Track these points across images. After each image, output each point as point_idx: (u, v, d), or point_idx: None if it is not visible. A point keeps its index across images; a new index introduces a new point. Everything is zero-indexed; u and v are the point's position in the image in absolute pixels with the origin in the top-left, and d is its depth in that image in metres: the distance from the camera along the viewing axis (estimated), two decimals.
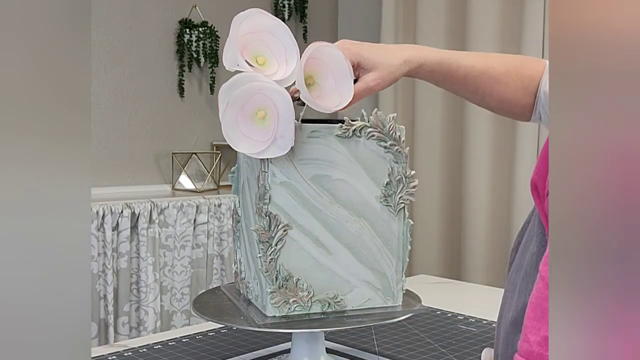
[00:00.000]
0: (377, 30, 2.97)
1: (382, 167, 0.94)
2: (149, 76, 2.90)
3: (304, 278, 0.92)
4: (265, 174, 0.90)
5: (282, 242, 0.91)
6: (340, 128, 0.91)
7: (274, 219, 0.90)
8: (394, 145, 0.94)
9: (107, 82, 2.78)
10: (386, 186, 0.94)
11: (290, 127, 0.87)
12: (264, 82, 0.86)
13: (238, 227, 1.05)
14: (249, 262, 1.00)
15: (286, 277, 0.91)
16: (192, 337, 1.23)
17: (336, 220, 0.93)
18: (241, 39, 0.88)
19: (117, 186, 2.78)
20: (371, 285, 0.96)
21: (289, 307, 0.92)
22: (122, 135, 2.83)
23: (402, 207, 0.96)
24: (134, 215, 2.39)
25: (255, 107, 0.86)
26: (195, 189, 2.85)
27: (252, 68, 0.88)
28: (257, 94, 0.86)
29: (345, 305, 0.94)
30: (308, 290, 0.92)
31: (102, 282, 2.32)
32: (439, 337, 1.25)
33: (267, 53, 0.90)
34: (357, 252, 0.95)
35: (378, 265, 0.96)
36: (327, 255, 0.93)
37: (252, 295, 0.99)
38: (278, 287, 0.91)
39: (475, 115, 2.62)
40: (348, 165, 0.93)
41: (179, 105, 3.01)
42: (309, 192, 0.92)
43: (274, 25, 0.90)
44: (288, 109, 0.86)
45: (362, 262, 0.95)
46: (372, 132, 0.93)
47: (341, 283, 0.94)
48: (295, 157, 0.90)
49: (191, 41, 2.96)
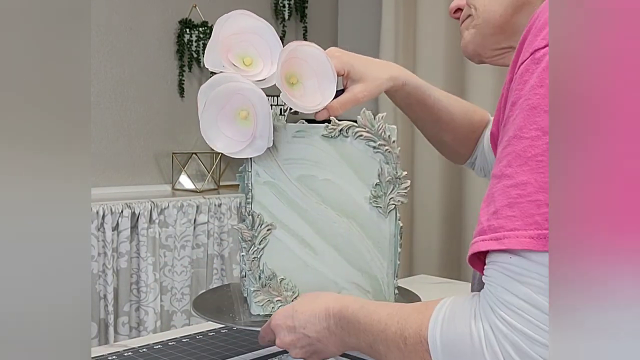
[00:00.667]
0: (377, 31, 2.96)
1: (371, 167, 0.93)
2: (149, 76, 2.90)
3: (289, 278, 0.92)
4: (249, 174, 0.90)
5: (266, 241, 0.91)
6: (327, 128, 0.91)
7: (257, 218, 0.90)
8: (383, 145, 0.92)
9: (107, 82, 2.78)
10: (375, 187, 0.93)
11: (268, 128, 0.86)
12: (241, 83, 0.86)
13: None
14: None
15: (269, 276, 0.91)
16: (192, 337, 1.22)
17: (323, 221, 0.92)
18: (225, 40, 0.88)
19: (117, 186, 2.78)
20: (360, 287, 0.94)
21: (273, 306, 0.92)
22: (122, 135, 2.83)
23: (392, 209, 0.94)
24: (134, 215, 2.38)
25: (237, 107, 0.86)
26: (195, 189, 2.85)
27: (236, 69, 0.88)
28: (236, 94, 0.86)
29: None
30: (293, 290, 0.92)
31: (102, 282, 2.31)
32: None
33: (254, 53, 0.90)
34: (345, 254, 0.93)
35: (368, 267, 0.94)
36: (313, 256, 0.92)
37: (247, 294, 0.99)
38: (261, 285, 0.91)
39: None
40: (335, 166, 0.91)
41: (179, 105, 3.00)
42: (294, 192, 0.91)
43: (259, 27, 0.90)
44: (265, 110, 0.86)
45: (351, 263, 0.94)
46: (360, 132, 0.91)
47: (328, 284, 0.93)
48: (280, 156, 0.89)
49: (191, 41, 2.97)
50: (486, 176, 1.11)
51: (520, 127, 0.62)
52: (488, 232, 0.63)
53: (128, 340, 1.29)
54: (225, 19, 0.89)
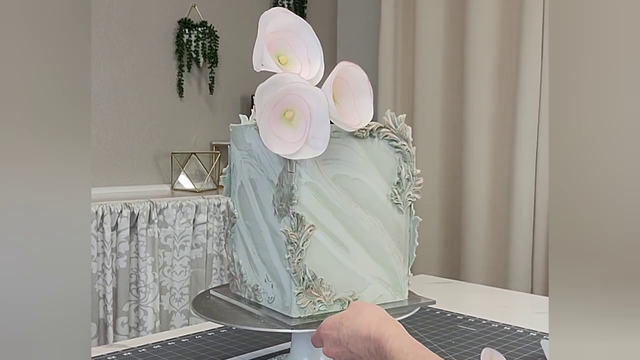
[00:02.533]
0: (376, 31, 2.96)
1: (392, 166, 0.98)
2: (148, 76, 2.90)
3: (326, 277, 0.93)
4: (292, 175, 0.90)
5: (308, 242, 0.91)
6: (360, 129, 0.93)
7: (300, 220, 0.90)
8: (404, 145, 0.98)
9: (107, 82, 2.77)
10: (396, 185, 0.98)
11: (325, 128, 0.86)
12: (297, 83, 0.86)
13: (233, 229, 1.04)
14: (254, 264, 1.00)
15: (312, 277, 0.92)
16: (191, 337, 1.22)
17: (353, 220, 0.95)
18: (267, 38, 0.89)
19: (116, 186, 2.77)
20: (382, 282, 0.99)
21: (314, 306, 0.93)
22: (122, 135, 2.83)
23: (409, 205, 1.00)
24: (133, 215, 2.38)
25: (284, 108, 0.86)
26: (194, 189, 2.84)
27: (277, 67, 0.88)
28: (289, 95, 0.86)
29: None
30: (330, 290, 0.94)
31: (101, 282, 2.31)
32: (438, 337, 1.24)
33: (289, 52, 0.90)
34: (371, 250, 0.97)
35: (388, 262, 0.99)
36: (345, 254, 0.95)
37: (264, 298, 0.98)
38: (305, 287, 0.92)
39: (474, 115, 2.61)
40: (364, 165, 0.95)
41: (178, 105, 3.00)
42: (330, 191, 0.93)
43: (296, 24, 0.91)
44: (322, 110, 0.86)
45: (375, 259, 0.98)
46: (386, 133, 0.96)
47: (357, 281, 0.96)
48: (319, 156, 0.90)
49: (190, 41, 2.95)
50: None
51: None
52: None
53: (127, 340, 1.29)
54: (268, 17, 0.89)
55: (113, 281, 2.34)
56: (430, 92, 2.78)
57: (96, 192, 2.58)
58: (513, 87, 2.50)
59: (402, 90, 2.91)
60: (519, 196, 2.48)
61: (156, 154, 2.94)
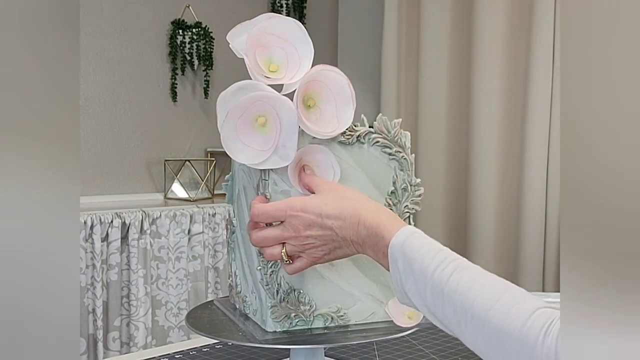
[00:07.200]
0: (379, 32, 2.90)
1: (386, 174, 0.93)
2: (140, 80, 2.87)
3: (305, 291, 0.91)
4: (266, 182, 0.88)
5: None
6: (344, 134, 0.90)
7: None
8: (399, 152, 0.93)
9: (96, 86, 2.75)
10: (391, 195, 0.93)
11: (293, 137, 0.85)
12: (265, 91, 0.86)
13: (233, 238, 1.02)
14: (245, 275, 0.98)
15: (287, 290, 0.90)
16: (185, 352, 1.21)
17: None
18: (261, 33, 0.88)
19: (106, 195, 2.76)
20: (375, 299, 0.94)
21: (290, 321, 0.91)
22: (112, 141, 2.81)
23: (407, 217, 0.94)
24: (124, 225, 2.35)
25: (255, 114, 0.86)
26: (188, 197, 2.82)
27: (258, 69, 0.87)
28: (258, 102, 0.85)
29: (349, 320, 0.93)
30: (310, 304, 0.91)
31: (90, 295, 2.27)
32: (444, 353, 1.18)
33: (282, 62, 0.89)
34: (361, 264, 0.93)
35: (382, 278, 0.94)
36: (329, 268, 0.91)
37: (250, 310, 0.97)
38: (279, 301, 0.90)
39: (481, 121, 2.54)
40: (351, 173, 0.91)
41: (171, 110, 2.98)
42: None
43: (300, 38, 0.89)
44: (291, 118, 0.85)
45: (366, 274, 0.93)
46: (377, 138, 0.92)
47: (344, 296, 0.93)
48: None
49: (184, 43, 2.93)
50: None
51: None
52: None
53: (119, 356, 1.28)
54: (273, 16, 0.88)
55: (103, 294, 2.31)
56: (436, 96, 2.72)
57: (85, 201, 2.56)
58: (523, 90, 2.43)
59: (406, 94, 2.85)
60: (528, 204, 2.39)
61: (148, 161, 2.91)
